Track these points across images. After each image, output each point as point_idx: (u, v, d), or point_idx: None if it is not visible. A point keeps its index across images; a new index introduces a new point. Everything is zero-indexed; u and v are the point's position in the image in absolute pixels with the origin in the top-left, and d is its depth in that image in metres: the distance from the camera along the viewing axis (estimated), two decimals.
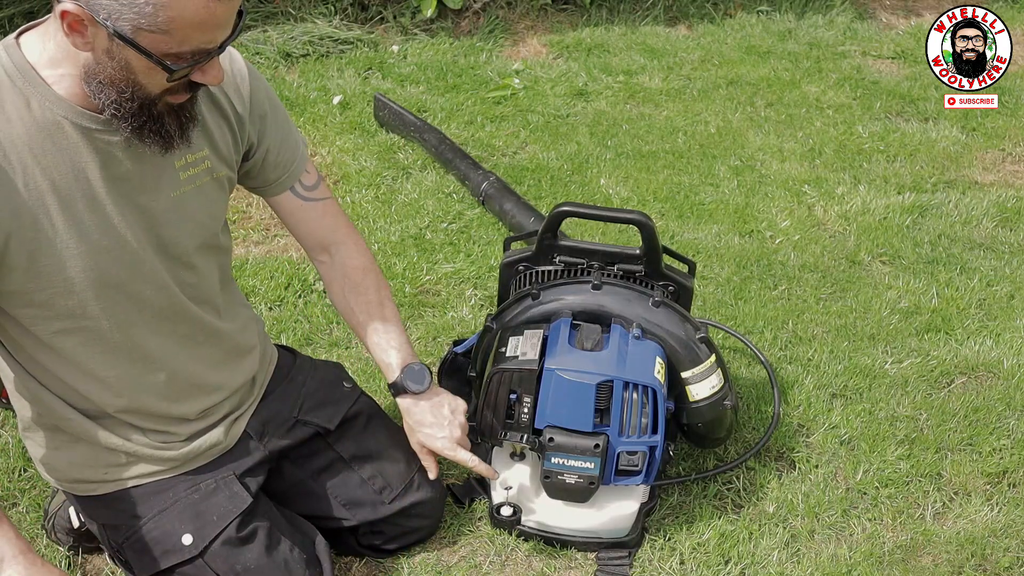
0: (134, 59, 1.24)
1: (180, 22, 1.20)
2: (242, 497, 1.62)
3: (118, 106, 1.28)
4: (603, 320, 1.85)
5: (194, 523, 1.58)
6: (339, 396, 1.85)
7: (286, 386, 1.80)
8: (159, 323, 1.53)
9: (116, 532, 1.62)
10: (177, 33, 1.21)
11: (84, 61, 1.26)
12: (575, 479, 1.79)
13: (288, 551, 1.63)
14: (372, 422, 1.87)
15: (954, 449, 2.17)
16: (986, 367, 2.41)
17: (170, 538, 1.58)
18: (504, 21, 4.24)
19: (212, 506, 1.60)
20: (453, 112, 3.51)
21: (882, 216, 3.02)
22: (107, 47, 1.23)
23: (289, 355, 1.89)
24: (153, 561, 1.59)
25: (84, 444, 1.57)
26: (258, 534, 1.61)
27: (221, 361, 1.65)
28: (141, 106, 1.29)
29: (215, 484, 1.62)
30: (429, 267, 2.68)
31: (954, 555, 1.92)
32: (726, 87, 3.86)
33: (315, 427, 1.78)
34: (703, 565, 1.89)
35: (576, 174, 3.19)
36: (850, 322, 2.55)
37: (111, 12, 1.18)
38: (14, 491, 1.97)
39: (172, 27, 1.20)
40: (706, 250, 2.81)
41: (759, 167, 3.29)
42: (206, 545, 1.58)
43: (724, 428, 1.95)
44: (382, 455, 1.83)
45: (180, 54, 1.24)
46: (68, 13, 1.19)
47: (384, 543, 1.84)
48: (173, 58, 1.24)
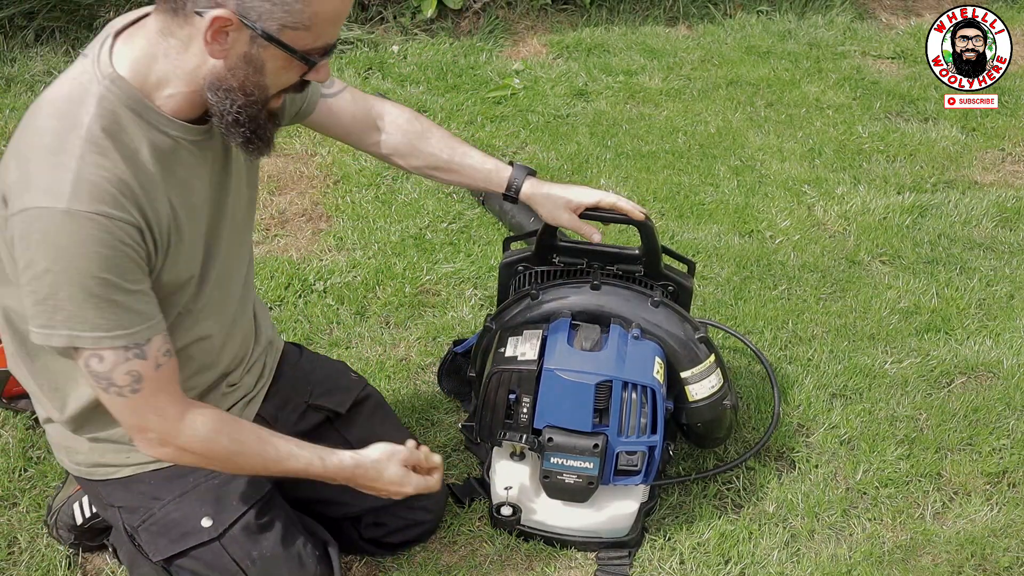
0: (270, 59, 1.29)
1: (321, 17, 1.27)
2: (260, 482, 1.65)
3: (241, 110, 1.33)
4: (602, 320, 1.85)
5: (214, 507, 1.60)
6: (348, 383, 1.91)
7: (295, 374, 1.84)
8: (227, 307, 1.60)
9: (133, 514, 1.62)
10: (315, 28, 1.28)
11: (208, 72, 1.30)
12: (574, 479, 1.79)
13: (302, 546, 1.66)
14: (379, 410, 1.92)
15: (954, 449, 2.17)
16: (986, 367, 2.41)
17: (189, 520, 1.60)
18: (504, 21, 4.24)
19: (232, 490, 1.62)
20: (453, 112, 3.51)
21: (882, 216, 3.02)
22: (245, 51, 1.28)
23: (296, 349, 1.93)
24: (169, 544, 1.60)
25: (116, 430, 1.58)
26: (275, 524, 1.64)
27: (249, 334, 1.72)
28: (260, 110, 1.35)
29: None
30: (429, 267, 2.68)
31: (954, 555, 1.93)
32: (726, 87, 3.86)
33: (326, 412, 1.83)
34: (703, 565, 1.89)
35: (576, 174, 3.19)
36: (850, 322, 2.55)
37: (261, 13, 1.24)
38: (14, 491, 1.97)
39: (314, 22, 1.27)
40: (706, 250, 2.82)
41: (759, 167, 3.29)
42: (225, 528, 1.60)
43: (724, 428, 1.96)
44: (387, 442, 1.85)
45: (314, 50, 1.31)
46: (219, 19, 1.23)
47: (386, 536, 1.85)
48: (309, 54, 1.31)
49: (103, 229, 1.27)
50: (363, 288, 2.58)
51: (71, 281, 1.27)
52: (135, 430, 1.44)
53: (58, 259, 1.26)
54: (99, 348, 1.33)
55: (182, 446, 1.45)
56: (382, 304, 2.54)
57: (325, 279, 2.60)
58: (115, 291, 1.31)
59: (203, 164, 1.44)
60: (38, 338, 1.33)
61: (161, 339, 1.39)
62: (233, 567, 1.60)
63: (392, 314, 2.51)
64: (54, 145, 1.27)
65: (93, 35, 1.40)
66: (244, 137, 1.36)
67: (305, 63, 1.32)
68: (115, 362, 1.34)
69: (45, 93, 1.34)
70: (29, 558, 1.85)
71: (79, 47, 3.64)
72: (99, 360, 1.34)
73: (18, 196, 1.28)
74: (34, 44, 3.62)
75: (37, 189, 1.26)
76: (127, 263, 1.31)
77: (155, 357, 1.38)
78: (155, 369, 1.38)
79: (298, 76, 1.35)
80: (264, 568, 1.61)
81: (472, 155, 1.81)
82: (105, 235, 1.27)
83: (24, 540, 1.88)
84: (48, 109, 1.31)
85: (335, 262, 2.69)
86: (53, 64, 3.55)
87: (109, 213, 1.27)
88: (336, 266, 2.66)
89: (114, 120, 1.30)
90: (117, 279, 1.30)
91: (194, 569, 1.61)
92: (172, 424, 1.43)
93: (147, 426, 1.42)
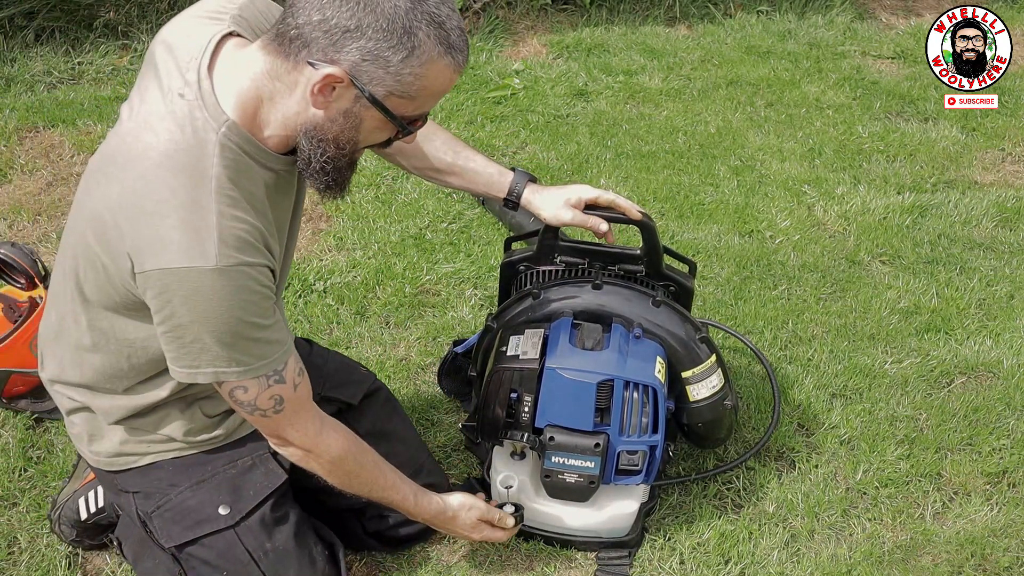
0: (369, 119, 1.35)
1: (427, 91, 1.33)
2: (277, 473, 1.67)
3: (329, 161, 1.38)
4: (604, 320, 1.85)
5: (231, 496, 1.63)
6: (359, 376, 1.95)
7: (307, 367, 1.84)
8: None
9: (147, 500, 1.64)
10: (419, 99, 1.34)
11: (307, 120, 1.35)
12: (575, 478, 1.79)
13: (313, 544, 1.69)
14: (388, 404, 1.97)
15: (954, 449, 2.18)
16: (986, 367, 2.41)
17: (205, 508, 1.62)
18: (504, 21, 4.23)
19: (249, 481, 1.65)
20: (453, 112, 3.51)
21: (882, 216, 3.02)
22: (347, 108, 1.33)
23: (306, 344, 1.95)
24: (183, 530, 1.62)
25: (151, 418, 1.60)
26: (290, 518, 1.67)
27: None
28: (347, 161, 1.41)
29: (251, 461, 1.66)
30: (429, 267, 2.68)
31: (954, 555, 1.93)
32: (726, 87, 3.86)
33: (339, 403, 1.86)
34: (703, 565, 1.89)
35: (576, 174, 3.19)
36: (850, 322, 2.55)
37: (372, 78, 1.29)
38: (14, 491, 1.97)
39: (419, 94, 1.33)
40: (706, 250, 2.82)
41: (759, 167, 3.29)
42: (242, 517, 1.62)
43: (724, 428, 1.96)
44: (395, 435, 1.91)
45: (413, 117, 1.38)
46: (331, 76, 1.28)
47: (389, 529, 1.86)
48: (407, 120, 1.37)
49: (247, 277, 1.33)
50: (363, 288, 2.58)
51: (218, 329, 1.33)
52: (276, 441, 1.56)
53: (207, 312, 1.32)
54: (244, 380, 1.41)
55: (315, 459, 1.57)
56: (382, 304, 2.54)
57: (325, 279, 2.60)
58: (257, 330, 1.37)
59: (288, 192, 1.51)
60: (181, 376, 1.41)
61: (294, 360, 1.47)
62: (245, 557, 1.62)
63: (392, 314, 2.51)
64: (187, 203, 1.30)
65: (93, 35, 1.40)
66: (326, 184, 1.42)
67: (400, 129, 1.38)
68: (259, 391, 1.44)
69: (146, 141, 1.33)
70: (29, 558, 1.85)
71: (79, 47, 3.64)
72: (244, 391, 1.43)
73: (152, 256, 1.30)
74: (34, 44, 3.61)
75: (178, 250, 1.29)
76: (265, 302, 1.38)
77: (292, 379, 1.47)
78: (294, 390, 1.48)
79: (388, 136, 1.41)
80: (275, 561, 1.63)
81: (475, 159, 1.81)
82: (250, 282, 1.33)
83: (24, 540, 1.88)
84: (165, 163, 1.31)
85: (335, 262, 2.69)
86: (53, 64, 3.55)
87: (251, 262, 1.33)
88: (336, 266, 2.66)
89: (236, 168, 1.34)
90: (259, 319, 1.37)
91: (205, 557, 1.63)
92: (311, 440, 1.55)
93: (288, 440, 1.54)
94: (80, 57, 3.61)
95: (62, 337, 1.57)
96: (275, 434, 1.54)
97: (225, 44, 1.37)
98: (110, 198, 1.34)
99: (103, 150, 1.42)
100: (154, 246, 1.30)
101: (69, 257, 1.48)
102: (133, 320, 1.45)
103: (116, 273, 1.37)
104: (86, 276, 1.44)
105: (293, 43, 1.29)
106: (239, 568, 1.62)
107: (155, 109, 1.35)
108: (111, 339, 1.50)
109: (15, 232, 2.78)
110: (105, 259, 1.37)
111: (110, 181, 1.35)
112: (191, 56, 1.36)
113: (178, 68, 1.35)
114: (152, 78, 1.39)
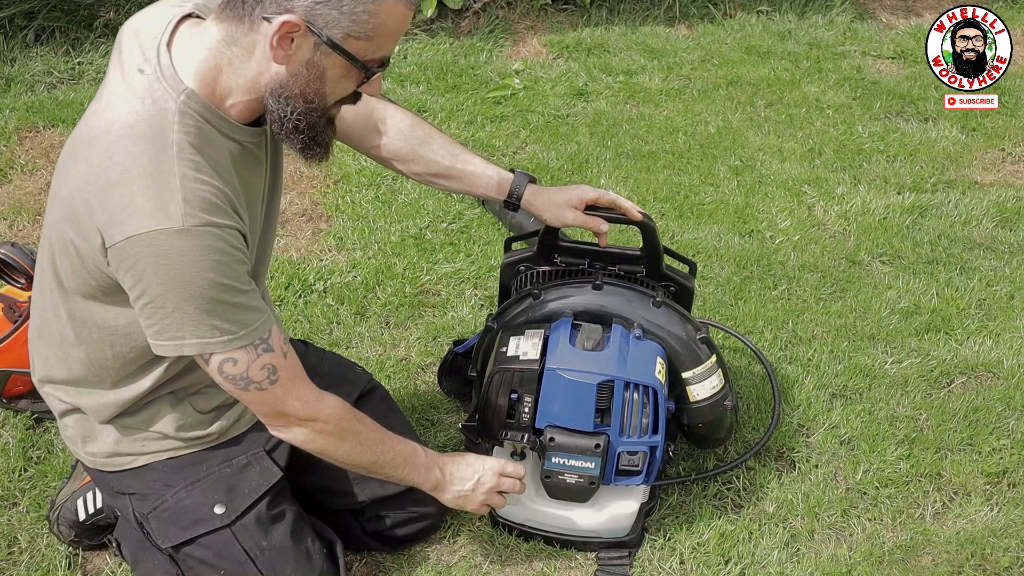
0: (331, 67, 1.34)
1: (382, 29, 1.33)
2: (272, 471, 1.67)
3: (301, 117, 1.37)
4: (604, 320, 1.85)
5: (227, 495, 1.63)
6: (355, 376, 1.94)
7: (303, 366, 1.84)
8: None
9: (144, 501, 1.64)
10: (376, 39, 1.34)
11: (270, 78, 1.35)
12: (576, 479, 1.79)
13: (311, 543, 1.69)
14: (385, 402, 1.95)
15: (954, 449, 2.18)
16: (986, 367, 2.41)
17: (201, 508, 1.62)
18: (504, 21, 4.23)
19: (244, 480, 1.64)
20: (453, 112, 3.51)
21: (882, 216, 3.02)
22: (308, 58, 1.33)
23: (302, 344, 1.95)
24: (179, 531, 1.62)
25: (142, 416, 1.60)
26: (286, 516, 1.67)
27: None
28: (320, 116, 1.40)
29: (247, 460, 1.66)
30: (429, 267, 2.68)
31: (954, 555, 1.93)
32: (726, 87, 3.86)
33: None
34: (703, 565, 1.89)
35: (576, 174, 3.19)
36: (850, 322, 2.55)
37: (328, 20, 1.29)
38: (14, 491, 1.97)
39: (375, 33, 1.32)
40: (706, 250, 2.82)
41: (759, 167, 3.29)
42: (238, 516, 1.62)
43: (724, 428, 1.96)
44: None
45: (372, 60, 1.37)
46: (287, 23, 1.28)
47: (388, 529, 1.85)
48: (368, 64, 1.36)
49: (217, 238, 1.32)
50: (363, 288, 2.58)
51: (193, 293, 1.32)
52: (274, 417, 1.51)
53: (179, 275, 1.31)
54: (231, 351, 1.39)
55: (321, 426, 1.53)
56: (382, 304, 2.54)
57: (325, 279, 2.60)
58: (234, 294, 1.36)
59: (260, 165, 1.50)
60: (166, 351, 1.38)
61: (277, 328, 1.46)
62: (242, 556, 1.62)
63: (392, 314, 2.51)
64: (150, 168, 1.30)
65: (93, 35, 1.41)
66: (303, 143, 1.41)
67: (364, 72, 1.37)
68: (248, 361, 1.41)
69: (108, 117, 1.34)
70: (29, 558, 1.85)
71: (79, 47, 3.64)
72: (233, 363, 1.41)
73: (119, 226, 1.30)
74: (34, 44, 3.61)
75: (143, 215, 1.29)
76: (239, 266, 1.37)
77: (280, 347, 1.45)
78: (284, 358, 1.46)
79: (355, 86, 1.40)
80: (272, 559, 1.63)
81: (474, 162, 1.81)
82: (219, 243, 1.33)
83: (24, 540, 1.88)
84: (127, 133, 1.31)
85: (335, 262, 2.69)
86: (53, 64, 3.55)
87: (219, 223, 1.33)
88: (336, 266, 2.66)
89: (198, 134, 1.34)
90: (234, 283, 1.36)
91: (202, 557, 1.63)
92: (312, 405, 1.51)
93: (288, 411, 1.50)
94: (80, 57, 3.61)
95: (46, 334, 1.57)
96: (275, 409, 1.49)
97: (184, 23, 1.39)
98: (79, 178, 1.34)
99: (71, 137, 1.43)
100: (120, 215, 1.30)
101: (46, 249, 1.48)
102: (112, 306, 1.44)
103: (88, 253, 1.36)
104: (62, 264, 1.44)
105: (246, 4, 1.30)
106: (236, 567, 1.62)
107: (116, 88, 1.36)
108: (92, 328, 1.49)
109: (15, 232, 2.78)
110: (78, 240, 1.37)
111: (78, 161, 1.35)
112: (152, 36, 1.37)
113: (140, 48, 1.37)
114: (115, 63, 1.40)
